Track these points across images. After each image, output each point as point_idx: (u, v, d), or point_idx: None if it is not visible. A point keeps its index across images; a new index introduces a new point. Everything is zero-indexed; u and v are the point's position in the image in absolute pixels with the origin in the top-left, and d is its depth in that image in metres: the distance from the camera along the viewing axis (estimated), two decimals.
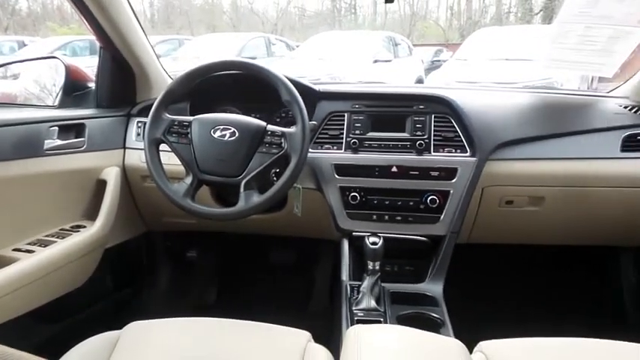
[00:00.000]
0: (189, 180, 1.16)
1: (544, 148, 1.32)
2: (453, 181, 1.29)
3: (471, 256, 1.58)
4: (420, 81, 7.49)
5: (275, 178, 1.27)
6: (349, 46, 6.96)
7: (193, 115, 1.19)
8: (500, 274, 1.77)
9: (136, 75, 1.52)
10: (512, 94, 1.52)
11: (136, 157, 1.48)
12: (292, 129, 1.14)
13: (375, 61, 6.73)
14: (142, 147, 1.22)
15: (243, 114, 1.25)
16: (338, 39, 7.65)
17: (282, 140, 1.13)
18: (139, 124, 1.51)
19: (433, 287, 1.26)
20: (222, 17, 18.33)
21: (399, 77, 6.87)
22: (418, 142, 1.32)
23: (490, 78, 4.72)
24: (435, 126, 1.34)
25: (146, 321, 0.98)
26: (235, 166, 1.13)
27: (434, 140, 1.33)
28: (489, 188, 1.34)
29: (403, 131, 1.36)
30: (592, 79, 5.30)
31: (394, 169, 1.31)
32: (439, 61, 9.60)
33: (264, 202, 1.12)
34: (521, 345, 0.88)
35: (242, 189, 1.12)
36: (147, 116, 1.19)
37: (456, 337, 1.07)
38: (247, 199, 1.12)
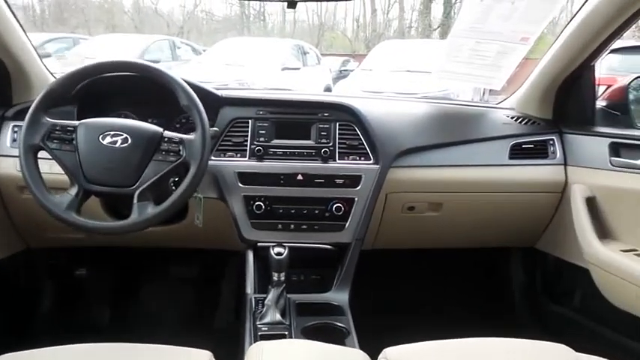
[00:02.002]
0: (73, 191, 1.05)
1: (441, 156, 1.38)
2: (358, 188, 1.30)
3: (376, 263, 1.61)
4: (328, 89, 7.63)
5: (174, 188, 1.19)
6: (258, 52, 6.90)
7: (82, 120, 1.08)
8: (404, 280, 1.82)
9: (12, 74, 1.35)
10: (413, 103, 1.58)
11: (11, 166, 1.31)
12: (191, 135, 1.08)
13: (284, 69, 6.75)
14: (18, 154, 1.08)
15: (140, 120, 1.16)
16: (246, 45, 7.57)
17: (181, 147, 1.06)
18: (15, 129, 1.34)
19: (339, 296, 1.25)
20: (124, 17, 17.29)
21: (307, 85, 6.94)
22: (323, 150, 1.32)
23: (393, 88, 4.92)
24: (339, 134, 1.34)
25: (22, 352, 0.85)
26: (127, 176, 1.05)
27: (339, 148, 1.33)
28: (392, 195, 1.37)
29: (308, 139, 1.34)
30: (484, 92, 5.79)
31: (299, 177, 1.29)
32: (346, 70, 9.87)
33: (160, 214, 1.04)
34: (424, 349, 0.89)
35: (135, 200, 1.04)
36: (24, 120, 1.06)
37: (362, 345, 1.07)
38: (141, 210, 1.04)
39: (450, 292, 1.81)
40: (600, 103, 1.47)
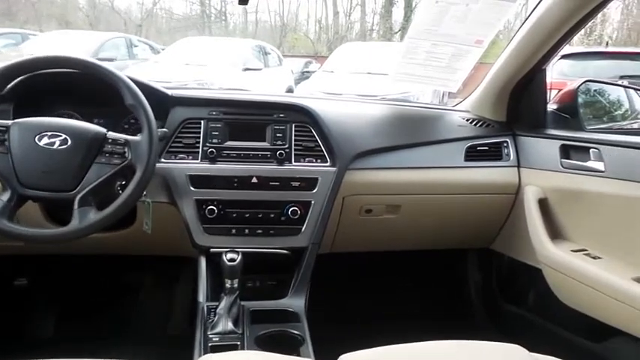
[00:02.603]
0: (6, 196, 0.97)
1: (399, 158, 1.38)
2: (314, 191, 1.27)
3: (334, 267, 1.59)
4: (290, 90, 7.61)
5: (121, 192, 1.13)
6: (218, 52, 6.80)
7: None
8: (363, 283, 1.81)
9: None
10: (370, 105, 1.57)
11: None
12: (137, 137, 1.02)
13: (246, 69, 6.67)
14: None
15: (85, 120, 1.09)
16: (207, 44, 7.44)
17: (126, 149, 1.01)
18: None
19: (295, 302, 1.22)
20: (78, 14, 16.65)
21: (269, 86, 6.89)
22: (278, 152, 1.28)
23: (354, 90, 4.94)
24: (295, 135, 1.31)
25: None
26: (67, 179, 0.98)
27: (294, 150, 1.30)
28: (350, 197, 1.35)
29: (263, 140, 1.30)
30: (443, 94, 5.89)
31: (254, 179, 1.25)
32: (309, 72, 9.87)
33: (103, 220, 0.99)
34: (379, 354, 0.88)
35: (76, 205, 0.98)
36: None
37: (318, 353, 1.05)
38: (82, 216, 0.98)
39: (409, 295, 1.81)
40: (551, 106, 1.50)
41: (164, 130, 1.19)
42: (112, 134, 1.02)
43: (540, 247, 1.31)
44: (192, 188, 1.23)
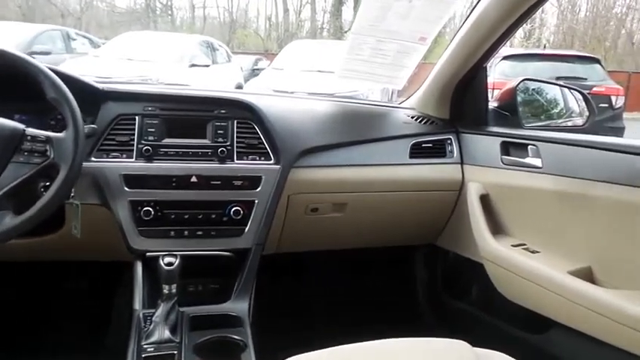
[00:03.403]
0: None
1: (344, 155, 1.36)
2: (258, 190, 1.23)
3: (280, 267, 1.55)
4: (239, 87, 7.49)
5: (45, 194, 1.04)
6: (163, 47, 6.57)
7: None
8: (310, 283, 1.78)
9: None
10: (316, 102, 1.54)
11: None
12: (61, 134, 0.94)
13: (192, 66, 6.50)
14: None
15: (4, 116, 0.99)
16: (151, 39, 7.16)
17: (48, 147, 0.93)
18: None
19: (238, 306, 1.17)
20: (9, 4, 15.62)
21: (217, 83, 6.75)
22: (220, 150, 1.23)
23: (304, 88, 4.92)
24: (237, 132, 1.26)
25: None
26: None
27: (237, 147, 1.25)
28: (295, 196, 1.32)
29: (204, 138, 1.25)
30: (392, 93, 5.98)
31: (194, 179, 1.19)
32: (259, 69, 9.78)
33: (20, 225, 0.90)
34: (325, 356, 0.85)
35: None
36: None
37: (260, 358, 1.01)
38: None
39: (357, 293, 1.81)
40: (493, 104, 1.53)
41: (93, 126, 1.11)
42: (31, 131, 0.93)
43: (482, 242, 1.33)
44: (126, 189, 1.15)
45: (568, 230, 1.19)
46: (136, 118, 1.21)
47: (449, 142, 1.48)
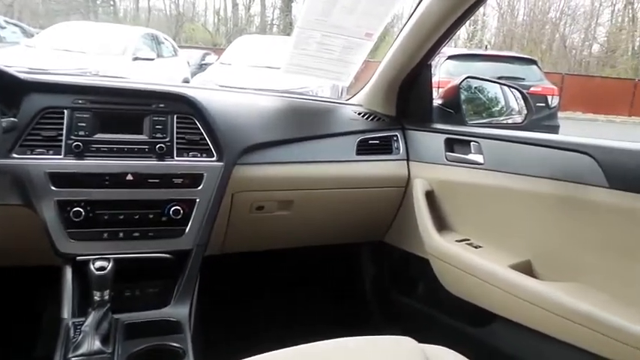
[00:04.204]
0: None
1: (290, 152, 1.33)
2: (199, 188, 1.17)
3: (226, 268, 1.50)
4: (186, 82, 7.26)
5: None
6: (104, 39, 6.26)
7: None
8: (258, 283, 1.74)
9: None
10: (261, 97, 1.50)
11: None
12: None
13: (136, 59, 6.24)
14: None
15: None
16: (90, 30, 6.81)
17: None
18: None
19: (178, 310, 1.11)
20: None
21: (163, 77, 6.51)
22: (158, 146, 1.16)
23: (252, 84, 4.84)
24: (177, 127, 1.20)
25: None
26: None
27: (177, 143, 1.19)
28: (239, 194, 1.27)
29: (140, 133, 1.17)
30: (342, 90, 6.01)
31: (129, 177, 1.12)
32: (206, 64, 9.55)
33: None
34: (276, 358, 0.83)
35: None
36: None
37: None
38: None
39: (304, 293, 1.78)
40: (437, 102, 1.55)
41: (12, 119, 1.02)
42: None
43: (427, 238, 1.34)
44: (53, 188, 1.06)
45: (509, 225, 1.22)
46: (65, 111, 1.12)
47: (395, 138, 1.48)
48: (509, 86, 1.71)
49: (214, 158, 1.21)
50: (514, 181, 1.18)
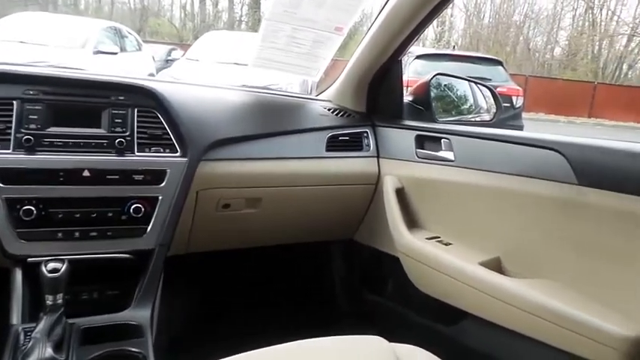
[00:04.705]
0: None
1: (258, 148, 1.28)
2: (162, 185, 1.12)
3: (192, 269, 1.45)
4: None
5: None
6: (64, 31, 6.02)
7: None
8: (224, 284, 1.69)
9: None
10: (228, 91, 1.45)
11: None
12: None
13: (97, 52, 6.03)
14: None
15: None
16: (49, 21, 6.52)
17: None
18: None
19: (139, 313, 1.06)
20: None
21: (126, 72, 6.31)
22: (118, 140, 1.10)
23: (220, 80, 4.75)
24: (138, 121, 1.14)
25: None
26: None
27: (138, 138, 1.13)
28: (205, 191, 1.22)
29: (98, 127, 1.11)
30: (311, 88, 5.98)
31: (86, 173, 1.05)
32: (172, 59, 9.35)
33: None
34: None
35: None
36: None
37: None
38: None
39: (275, 293, 1.74)
40: (408, 98, 1.54)
41: None
42: None
43: (398, 236, 1.32)
44: (0, 185, 0.99)
45: (479, 222, 1.22)
46: (14, 102, 1.05)
47: (365, 135, 1.46)
48: (478, 84, 1.72)
49: (178, 154, 1.16)
50: (484, 178, 1.18)
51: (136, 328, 1.02)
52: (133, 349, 0.95)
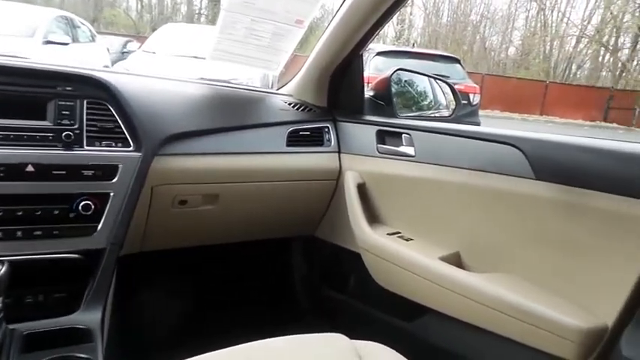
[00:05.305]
0: None
1: (217, 142, 1.25)
2: (114, 181, 1.06)
3: (148, 268, 1.40)
4: None
5: None
6: (9, 18, 5.69)
7: None
8: (181, 284, 1.63)
9: None
10: (185, 83, 1.40)
11: None
12: None
13: (47, 42, 5.75)
14: None
15: None
16: None
17: None
18: None
19: (89, 316, 1.00)
20: None
21: (79, 63, 6.04)
22: (65, 134, 1.03)
23: (178, 73, 4.62)
24: (88, 114, 1.08)
25: None
26: None
27: (87, 131, 1.07)
28: (160, 187, 1.17)
29: (43, 119, 1.04)
30: (272, 83, 5.91)
31: (30, 168, 0.98)
32: (128, 52, 9.06)
33: None
34: None
35: None
36: None
37: None
38: None
39: (234, 291, 1.70)
40: (369, 93, 1.53)
41: None
42: None
43: (359, 231, 1.32)
44: None
45: (439, 217, 1.23)
46: None
47: (326, 130, 1.45)
48: (438, 80, 1.74)
49: (131, 148, 1.10)
50: (444, 173, 1.19)
51: (84, 333, 0.96)
52: (82, 355, 0.89)
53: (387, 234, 1.28)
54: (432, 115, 1.76)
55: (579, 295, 0.95)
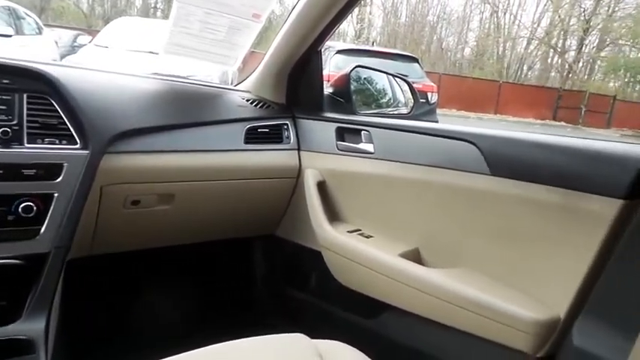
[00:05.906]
0: None
1: (171, 140, 1.20)
2: (58, 180, 1.00)
3: (96, 272, 1.33)
4: None
5: None
6: None
7: None
8: (136, 289, 1.57)
9: None
10: (137, 78, 1.34)
11: None
12: None
13: None
14: None
15: None
16: None
17: None
18: None
19: (32, 326, 0.94)
20: None
21: (24, 57, 5.74)
22: (2, 130, 0.96)
23: (132, 69, 4.46)
24: (28, 109, 1.01)
25: None
26: None
27: (28, 128, 1.00)
28: (110, 187, 1.11)
29: None
30: (232, 80, 5.81)
31: None
32: (79, 46, 8.67)
33: None
34: None
35: None
36: None
37: None
38: None
39: (194, 293, 1.65)
40: (328, 90, 1.52)
41: None
42: None
43: (319, 229, 1.30)
44: None
45: (399, 214, 1.23)
46: None
47: (285, 127, 1.42)
48: (396, 77, 1.74)
49: (78, 146, 1.04)
50: (403, 169, 1.19)
51: (27, 343, 0.90)
52: None
53: (348, 231, 1.28)
54: (391, 113, 1.77)
55: (534, 287, 0.97)
